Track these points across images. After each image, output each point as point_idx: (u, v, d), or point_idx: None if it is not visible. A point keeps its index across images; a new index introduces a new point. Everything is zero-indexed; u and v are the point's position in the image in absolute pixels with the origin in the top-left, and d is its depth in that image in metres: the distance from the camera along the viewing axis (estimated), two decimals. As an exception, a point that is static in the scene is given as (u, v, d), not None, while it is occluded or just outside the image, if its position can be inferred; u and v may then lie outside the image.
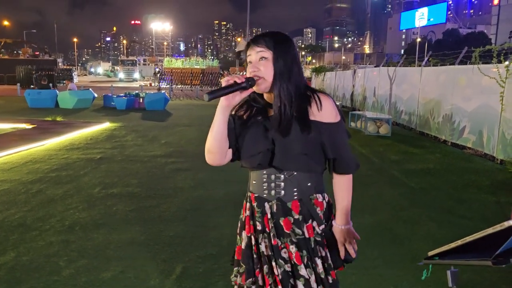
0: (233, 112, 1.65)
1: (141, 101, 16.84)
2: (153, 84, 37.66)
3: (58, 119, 12.08)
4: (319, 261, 1.58)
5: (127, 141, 8.86)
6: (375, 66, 19.50)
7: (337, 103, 12.13)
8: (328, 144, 1.56)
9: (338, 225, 1.64)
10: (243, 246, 1.68)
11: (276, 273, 1.57)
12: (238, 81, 1.47)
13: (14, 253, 3.46)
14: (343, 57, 76.22)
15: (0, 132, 9.60)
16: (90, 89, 18.61)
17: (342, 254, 1.63)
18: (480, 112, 8.31)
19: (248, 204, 1.68)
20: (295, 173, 1.57)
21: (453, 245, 1.22)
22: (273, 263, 1.58)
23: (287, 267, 1.57)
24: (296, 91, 1.55)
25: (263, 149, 1.55)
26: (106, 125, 11.30)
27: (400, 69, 13.08)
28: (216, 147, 1.57)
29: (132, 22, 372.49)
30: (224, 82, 1.48)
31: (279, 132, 1.52)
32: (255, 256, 1.63)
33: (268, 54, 1.54)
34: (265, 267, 1.59)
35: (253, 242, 1.64)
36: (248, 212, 1.67)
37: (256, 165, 1.59)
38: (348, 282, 3.10)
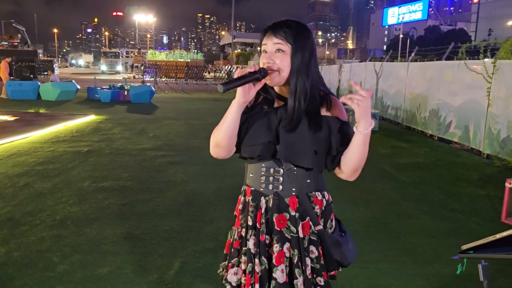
0: None
1: (126, 93, 16.56)
2: (136, 77, 37.12)
3: (41, 111, 11.79)
4: (309, 261, 1.53)
5: (114, 134, 8.69)
6: (360, 61, 19.60)
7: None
8: (335, 140, 1.51)
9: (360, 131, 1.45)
10: (232, 241, 1.64)
11: (257, 270, 1.52)
12: (252, 71, 1.41)
13: (5, 248, 3.35)
14: (327, 52, 76.54)
15: (-19, 124, 9.31)
16: (73, 80, 18.22)
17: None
18: (466, 107, 8.43)
19: (242, 198, 1.63)
20: (295, 168, 1.52)
21: (491, 238, 1.20)
22: (256, 260, 1.53)
23: (267, 266, 1.53)
24: (311, 88, 1.50)
25: (265, 140, 1.50)
26: (91, 117, 11.08)
27: (386, 64, 13.17)
28: (226, 142, 1.51)
29: (114, 13, 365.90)
30: (236, 74, 1.41)
31: (287, 127, 1.48)
32: (232, 250, 1.61)
33: (286, 47, 1.47)
34: (249, 266, 1.54)
35: (236, 237, 1.60)
36: (240, 206, 1.63)
37: (255, 156, 1.53)
38: (348, 276, 3.10)
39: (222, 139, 1.50)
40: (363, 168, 1.60)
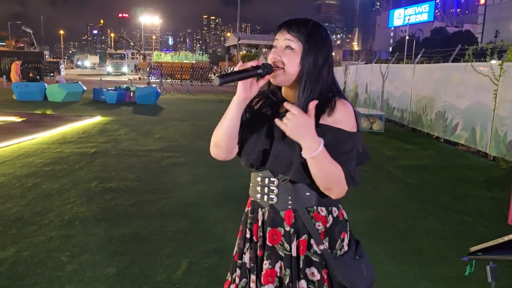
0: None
1: (131, 95, 16.65)
2: (142, 78, 37.31)
3: (48, 112, 11.88)
4: (304, 284, 1.37)
5: (120, 135, 8.75)
6: (365, 63, 19.59)
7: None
8: (330, 151, 1.30)
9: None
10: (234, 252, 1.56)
11: (252, 287, 1.43)
12: (254, 65, 1.29)
13: (14, 248, 3.39)
14: (333, 54, 76.59)
15: (-11, 125, 9.41)
16: (79, 82, 18.35)
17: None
18: (473, 109, 8.41)
19: (246, 208, 1.53)
20: (291, 179, 1.37)
21: (500, 240, 1.22)
22: (253, 276, 1.43)
23: None
24: (319, 94, 1.35)
25: (261, 148, 1.38)
26: (97, 118, 11.15)
27: (392, 66, 13.15)
28: (225, 141, 1.40)
29: (120, 15, 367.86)
30: (238, 67, 1.30)
31: (282, 134, 1.32)
32: (232, 264, 1.52)
33: (297, 45, 1.34)
34: (243, 281, 1.45)
35: (236, 249, 1.51)
36: (243, 217, 1.52)
37: (248, 165, 1.43)
38: (355, 277, 3.11)
39: (221, 138, 1.41)
40: (368, 170, 1.53)
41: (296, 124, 1.22)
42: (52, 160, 6.39)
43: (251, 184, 1.50)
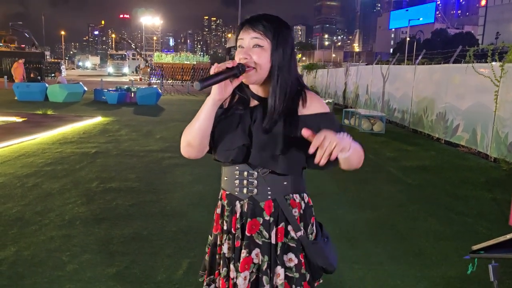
0: None
1: (132, 95, 16.66)
2: (143, 79, 37.33)
3: (49, 112, 11.89)
4: (280, 270, 1.42)
5: (121, 136, 8.76)
6: (366, 64, 19.59)
7: (330, 101, 12.12)
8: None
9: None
10: (210, 245, 1.61)
11: (231, 276, 1.47)
12: (229, 66, 1.31)
13: (15, 247, 3.39)
14: (333, 55, 76.53)
15: (-10, 125, 9.41)
16: (80, 82, 18.37)
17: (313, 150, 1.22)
18: (473, 110, 8.40)
19: (220, 201, 1.57)
20: (270, 171, 1.42)
21: (502, 238, 1.21)
22: (232, 266, 1.47)
23: None
24: (292, 86, 1.41)
25: (240, 144, 1.41)
26: (98, 119, 11.16)
27: (393, 67, 13.15)
28: (198, 141, 1.42)
29: (121, 15, 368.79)
30: (213, 69, 1.31)
31: (262, 128, 1.39)
32: (217, 256, 1.56)
33: (265, 43, 1.36)
34: (224, 270, 1.50)
35: (217, 242, 1.55)
36: (218, 210, 1.57)
37: (229, 160, 1.44)
38: (355, 278, 3.11)
39: (194, 138, 1.42)
40: (369, 171, 1.54)
41: (342, 138, 1.22)
42: (53, 160, 6.40)
43: (225, 178, 1.52)
